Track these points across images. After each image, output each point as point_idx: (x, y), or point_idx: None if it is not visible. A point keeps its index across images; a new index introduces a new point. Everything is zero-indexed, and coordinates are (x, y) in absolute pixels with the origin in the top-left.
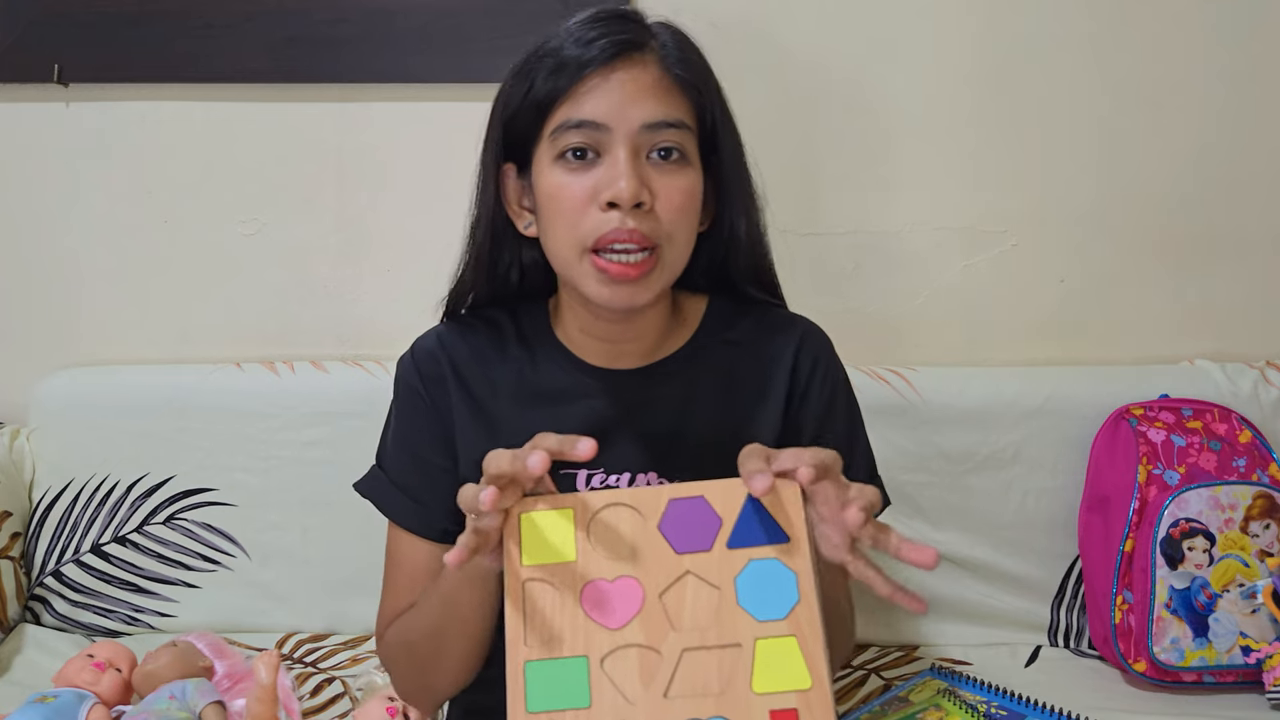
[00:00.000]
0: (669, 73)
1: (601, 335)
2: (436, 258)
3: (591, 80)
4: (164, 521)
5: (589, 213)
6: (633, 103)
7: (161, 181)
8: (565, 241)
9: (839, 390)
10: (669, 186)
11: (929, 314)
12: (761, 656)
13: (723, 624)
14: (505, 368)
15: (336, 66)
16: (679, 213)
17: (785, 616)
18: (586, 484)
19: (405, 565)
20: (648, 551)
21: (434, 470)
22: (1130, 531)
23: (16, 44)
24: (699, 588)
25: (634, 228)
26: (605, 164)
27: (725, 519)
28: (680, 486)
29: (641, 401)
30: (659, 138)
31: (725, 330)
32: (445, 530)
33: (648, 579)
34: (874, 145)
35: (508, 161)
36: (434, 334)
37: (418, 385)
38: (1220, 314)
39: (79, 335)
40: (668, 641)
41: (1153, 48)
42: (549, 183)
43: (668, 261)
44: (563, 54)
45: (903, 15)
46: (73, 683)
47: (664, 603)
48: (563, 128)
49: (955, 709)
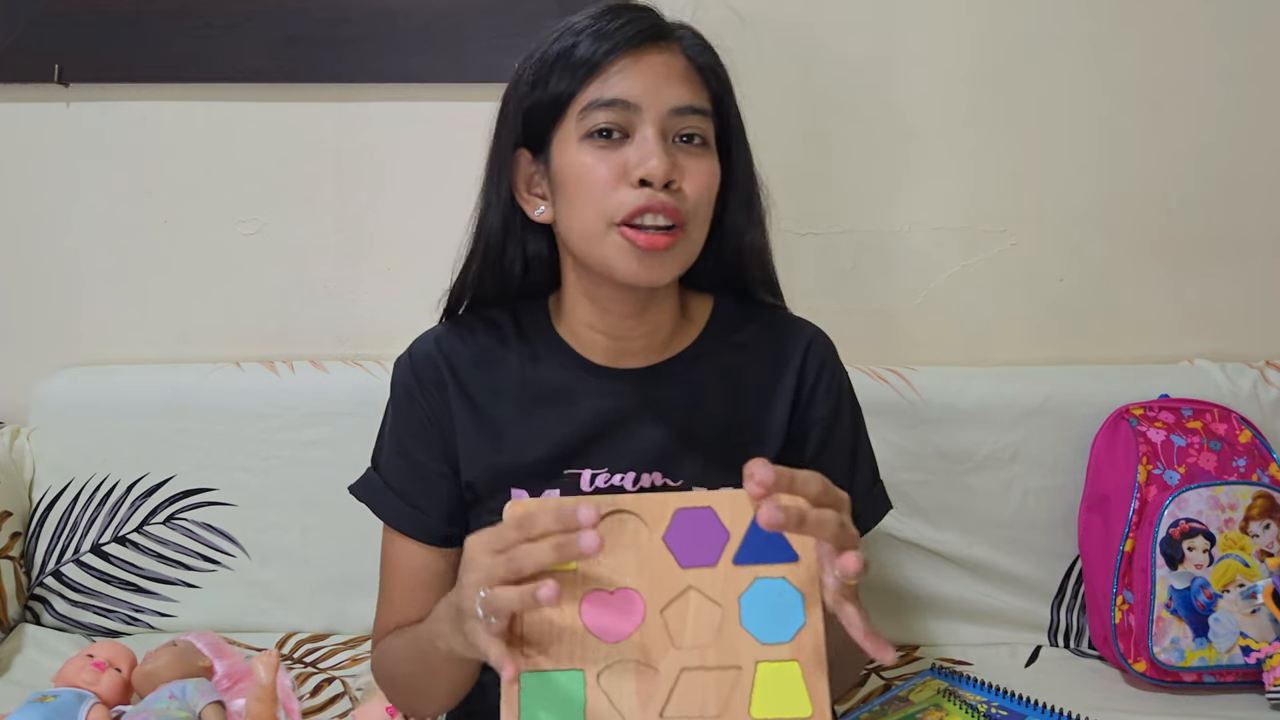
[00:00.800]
0: (693, 63)
1: (609, 331)
2: (436, 258)
3: (623, 60)
4: (164, 521)
5: (619, 189)
6: (664, 84)
7: (161, 181)
8: (592, 217)
9: (844, 396)
10: (694, 169)
11: (929, 314)
12: (762, 680)
13: (724, 644)
14: (506, 368)
15: (336, 66)
16: (703, 193)
17: (789, 640)
18: (590, 484)
19: (400, 570)
20: (651, 563)
21: (430, 475)
22: (1130, 531)
23: (16, 44)
24: (701, 604)
25: (666, 200)
26: (635, 143)
27: (733, 533)
28: (688, 496)
29: (647, 400)
30: (685, 123)
31: (732, 332)
32: (441, 535)
33: (649, 592)
34: (874, 145)
35: (521, 147)
36: (432, 336)
37: (414, 390)
38: (1220, 314)
39: (79, 335)
40: (667, 659)
41: (1153, 48)
42: (576, 161)
43: (692, 239)
44: (586, 42)
45: (903, 15)
46: (73, 683)
47: (665, 618)
48: (592, 105)
49: (956, 709)
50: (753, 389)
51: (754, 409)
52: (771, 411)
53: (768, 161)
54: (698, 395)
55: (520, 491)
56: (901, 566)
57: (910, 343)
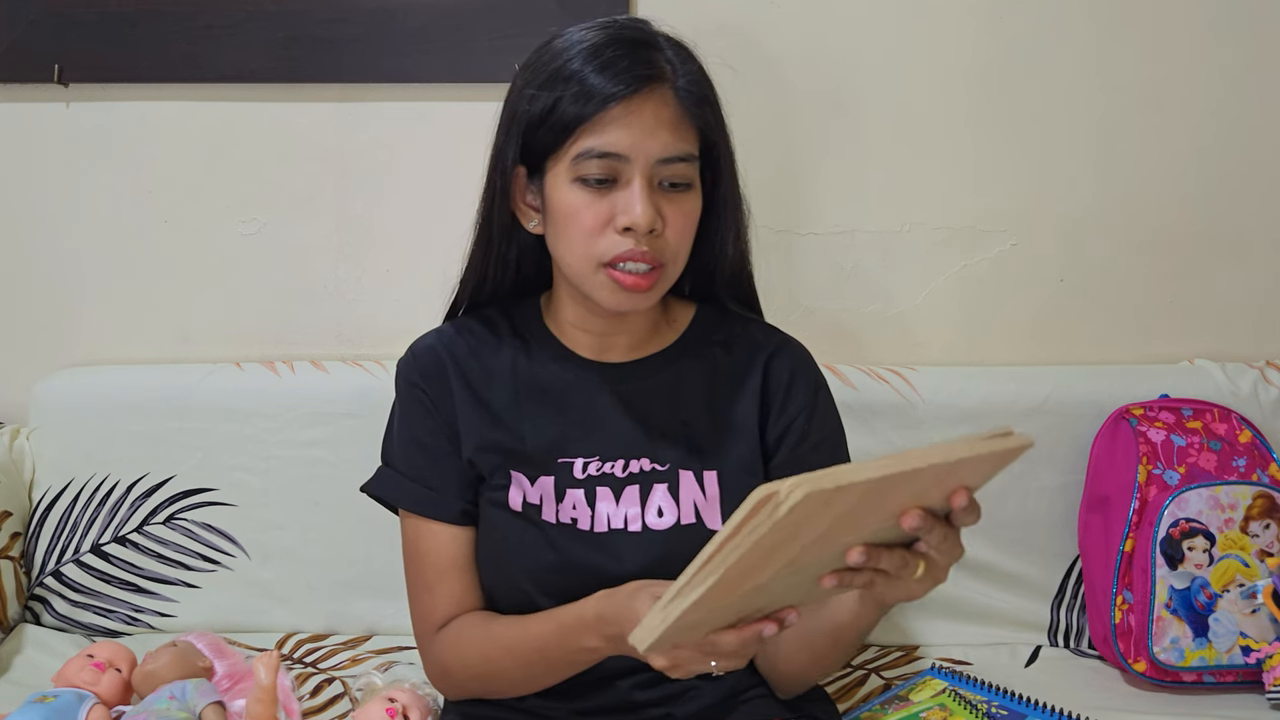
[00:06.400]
0: (682, 105)
1: (593, 329)
2: (437, 258)
3: (615, 111)
4: (164, 521)
5: (605, 234)
6: (651, 136)
7: (161, 181)
8: (581, 256)
9: (820, 390)
10: (677, 213)
11: (929, 314)
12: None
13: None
14: (501, 361)
15: (337, 66)
16: (683, 235)
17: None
18: (583, 471)
19: (430, 556)
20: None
21: (442, 456)
22: (1130, 531)
23: (16, 44)
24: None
25: (646, 250)
26: (622, 192)
27: None
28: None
29: (632, 391)
30: (670, 171)
31: (710, 335)
32: (460, 511)
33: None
34: (874, 145)
35: (521, 164)
36: (432, 333)
37: (418, 380)
38: (1220, 314)
39: (79, 335)
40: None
41: (1153, 48)
42: (567, 201)
43: (669, 275)
44: (588, 81)
45: (903, 15)
46: (72, 683)
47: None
48: (585, 155)
49: (960, 709)
50: (727, 383)
51: (728, 401)
52: (743, 404)
53: (768, 161)
54: (678, 387)
55: (520, 476)
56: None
57: (910, 343)
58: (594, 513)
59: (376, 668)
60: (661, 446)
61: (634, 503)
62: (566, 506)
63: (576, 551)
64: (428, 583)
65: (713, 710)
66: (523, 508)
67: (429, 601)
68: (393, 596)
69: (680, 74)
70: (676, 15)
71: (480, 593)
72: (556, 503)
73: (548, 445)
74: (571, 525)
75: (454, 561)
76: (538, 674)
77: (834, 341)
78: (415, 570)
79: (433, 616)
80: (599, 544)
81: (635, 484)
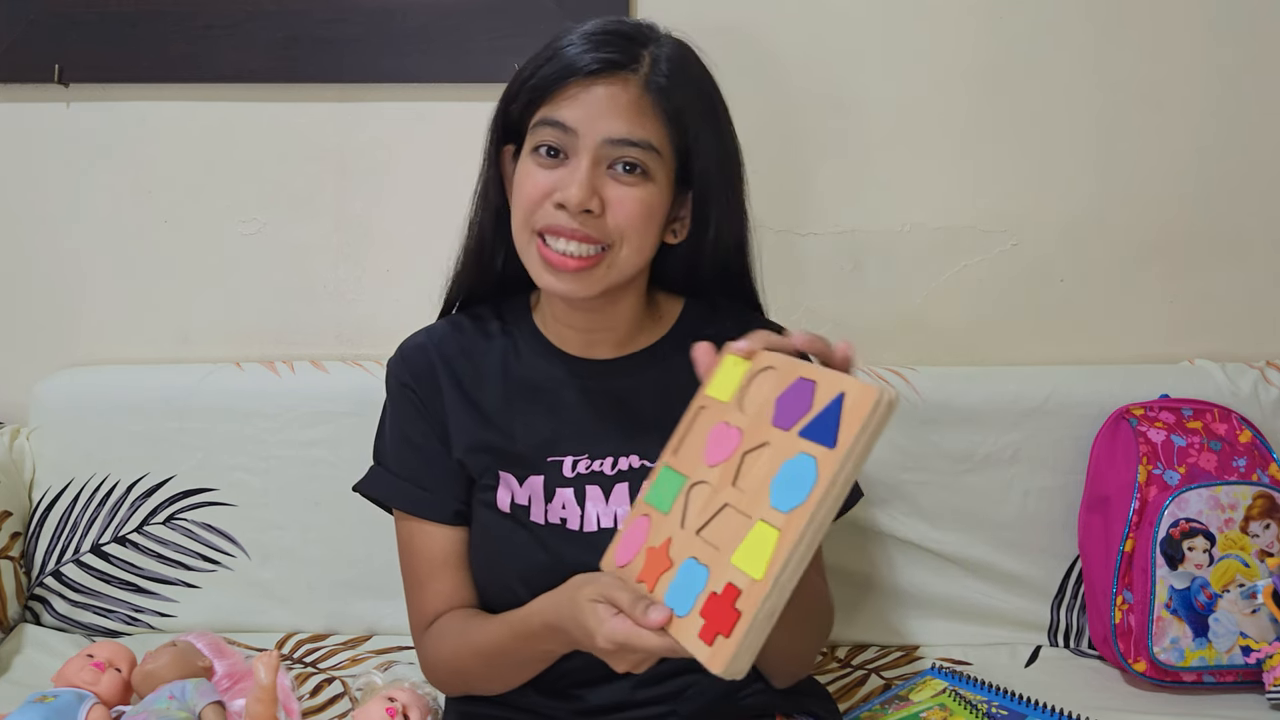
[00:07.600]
0: (648, 95)
1: (573, 324)
2: (436, 258)
3: (572, 88)
4: (164, 521)
5: (544, 205)
6: (602, 117)
7: (161, 181)
8: (520, 224)
9: None
10: (624, 197)
11: (929, 314)
12: (752, 536)
13: (755, 496)
14: (491, 359)
15: (336, 66)
16: (629, 220)
17: (785, 511)
18: (573, 469)
19: (423, 555)
20: (759, 415)
21: (434, 455)
22: (1130, 531)
23: (16, 44)
24: (764, 458)
25: (577, 227)
26: (568, 167)
27: (814, 409)
28: (812, 368)
29: (620, 389)
30: (621, 153)
31: (699, 329)
32: (452, 511)
33: (747, 436)
34: (874, 145)
35: (507, 144)
36: (422, 332)
37: (408, 380)
38: (1220, 314)
39: (79, 335)
40: (724, 492)
41: (1152, 48)
42: (522, 170)
43: (617, 262)
44: (564, 55)
45: (903, 15)
46: (72, 683)
47: (742, 460)
48: (541, 123)
49: (960, 709)
50: None
51: None
52: None
53: (767, 161)
54: (666, 384)
55: (509, 476)
56: (901, 566)
57: (910, 343)
58: (583, 512)
59: (376, 667)
60: (650, 443)
61: (623, 501)
62: (555, 506)
63: (567, 552)
64: (420, 580)
65: (715, 706)
66: (511, 509)
67: (421, 598)
68: (392, 596)
69: (660, 70)
70: (676, 15)
71: (473, 590)
72: (545, 503)
73: (538, 444)
74: (561, 525)
75: (446, 559)
76: (505, 674)
77: (833, 341)
78: (409, 567)
79: (424, 613)
80: (589, 544)
81: (624, 481)
